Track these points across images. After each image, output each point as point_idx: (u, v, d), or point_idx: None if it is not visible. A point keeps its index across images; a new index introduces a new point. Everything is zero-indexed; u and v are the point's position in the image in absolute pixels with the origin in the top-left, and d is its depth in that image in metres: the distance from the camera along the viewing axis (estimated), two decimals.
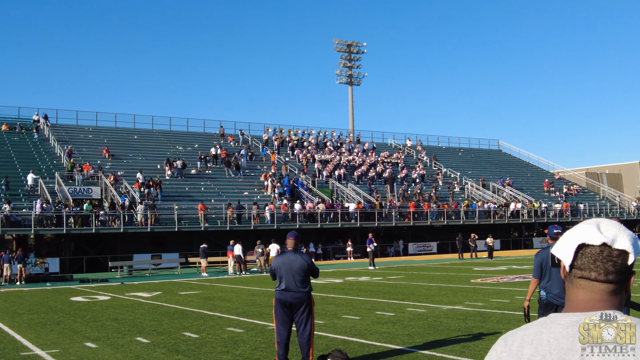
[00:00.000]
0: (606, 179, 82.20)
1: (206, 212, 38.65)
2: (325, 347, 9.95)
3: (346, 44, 70.13)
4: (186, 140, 55.69)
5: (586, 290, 1.52)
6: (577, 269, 1.54)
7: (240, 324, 13.21)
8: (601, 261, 1.50)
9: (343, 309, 15.28)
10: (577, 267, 1.54)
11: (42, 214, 34.42)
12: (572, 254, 1.54)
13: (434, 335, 10.96)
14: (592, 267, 1.51)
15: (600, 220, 1.57)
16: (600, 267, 1.50)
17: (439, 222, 47.69)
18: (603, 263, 1.50)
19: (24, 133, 48.89)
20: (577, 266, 1.54)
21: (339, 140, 61.53)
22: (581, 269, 1.53)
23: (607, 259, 1.50)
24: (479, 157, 71.55)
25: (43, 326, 13.73)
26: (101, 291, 22.97)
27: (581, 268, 1.53)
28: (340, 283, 23.51)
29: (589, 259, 1.52)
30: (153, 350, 10.25)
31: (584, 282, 1.52)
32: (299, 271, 8.35)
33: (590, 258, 1.51)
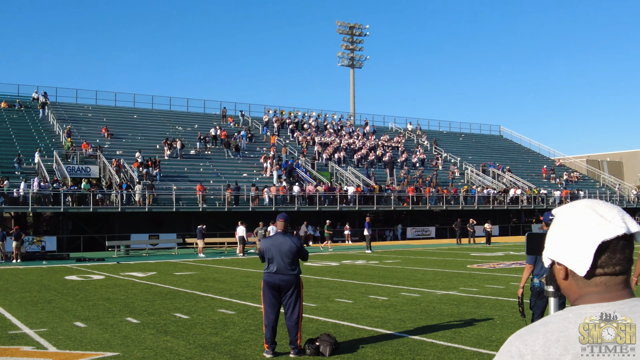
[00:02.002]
0: (607, 166, 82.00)
1: (204, 193, 38.56)
2: (315, 330, 9.86)
3: (349, 26, 69.64)
4: (186, 121, 55.51)
5: (608, 284, 1.44)
6: (597, 268, 1.42)
7: (232, 305, 13.14)
8: (620, 252, 1.42)
9: (337, 292, 15.20)
10: (597, 267, 1.42)
11: (40, 192, 34.34)
12: (591, 257, 1.41)
13: (426, 320, 10.87)
14: (615, 262, 1.42)
15: (594, 206, 1.44)
16: (621, 259, 1.42)
17: (438, 206, 47.60)
18: (622, 253, 1.42)
19: (23, 111, 48.70)
20: (597, 266, 1.42)
21: (340, 123, 61.28)
22: (602, 266, 1.42)
23: (626, 247, 1.43)
24: (480, 142, 71.32)
25: (34, 305, 13.66)
26: (96, 270, 22.92)
27: (602, 266, 1.42)
28: (336, 266, 23.45)
29: (610, 254, 1.42)
30: (142, 331, 10.17)
31: (606, 278, 1.43)
32: (288, 253, 8.24)
33: (611, 253, 1.42)
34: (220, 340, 9.28)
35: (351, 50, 70.09)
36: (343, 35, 69.76)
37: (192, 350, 8.60)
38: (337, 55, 70.12)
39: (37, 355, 8.48)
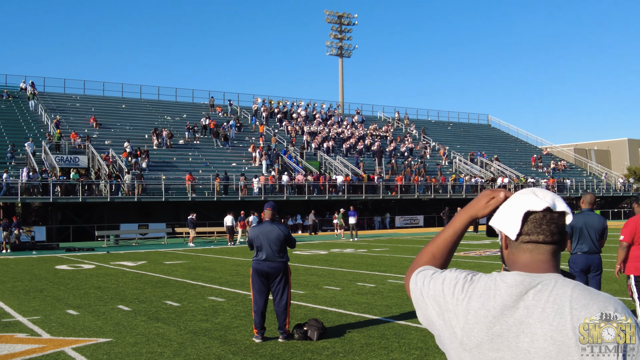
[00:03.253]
0: (594, 155, 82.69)
1: (194, 183, 38.65)
2: (303, 316, 10.10)
3: (337, 15, 69.63)
4: (175, 110, 55.44)
5: (533, 252, 1.62)
6: (524, 234, 1.62)
7: (222, 293, 13.35)
8: (546, 224, 1.61)
9: (325, 279, 15.44)
10: (524, 234, 1.62)
11: (29, 182, 34.33)
12: (519, 222, 1.62)
13: (412, 306, 11.05)
14: (539, 231, 1.61)
15: (534, 189, 1.66)
16: (546, 229, 1.61)
17: (426, 195, 47.92)
18: (548, 226, 1.61)
19: (11, 101, 48.50)
20: (524, 232, 1.62)
21: (329, 113, 61.40)
22: (528, 234, 1.62)
23: (551, 221, 1.61)
24: (468, 131, 71.65)
25: (26, 293, 13.81)
26: (86, 260, 23.05)
27: (528, 233, 1.62)
28: (325, 254, 23.69)
29: (535, 224, 1.61)
30: (134, 318, 10.36)
31: (531, 245, 1.62)
32: (276, 241, 8.46)
33: (536, 223, 1.61)
34: (211, 326, 9.50)
35: (340, 40, 70.14)
36: (332, 24, 69.79)
37: (184, 336, 8.81)
38: (326, 44, 70.21)
39: (32, 342, 8.66)
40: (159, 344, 8.33)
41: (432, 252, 1.85)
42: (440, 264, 1.83)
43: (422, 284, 1.73)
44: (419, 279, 1.76)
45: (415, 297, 1.76)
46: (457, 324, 1.60)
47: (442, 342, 1.67)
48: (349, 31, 70.51)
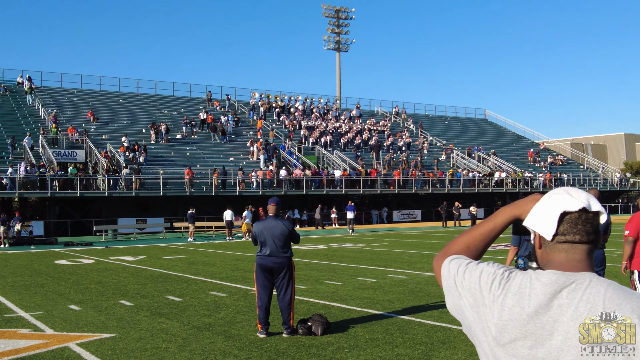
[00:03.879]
0: (591, 149, 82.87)
1: (191, 177, 38.61)
2: (306, 311, 10.11)
3: (334, 9, 69.51)
4: (172, 105, 55.34)
5: (568, 252, 1.62)
6: (560, 235, 1.63)
7: (224, 288, 13.35)
8: (582, 224, 1.61)
9: (325, 274, 15.45)
10: (560, 234, 1.63)
11: (27, 177, 34.25)
12: (555, 223, 1.62)
13: (414, 301, 11.15)
14: (575, 231, 1.61)
15: (568, 189, 1.67)
16: (581, 229, 1.61)
17: (424, 190, 47.96)
18: (583, 226, 1.61)
19: (8, 95, 48.33)
20: (559, 233, 1.63)
21: (326, 107, 61.35)
22: (564, 234, 1.62)
23: (586, 221, 1.62)
24: (466, 126, 71.69)
25: (27, 289, 13.80)
26: (85, 255, 23.03)
27: (564, 234, 1.62)
28: (324, 249, 23.71)
29: (571, 224, 1.62)
30: (136, 313, 10.36)
31: (567, 245, 1.62)
32: (280, 237, 8.47)
33: (572, 223, 1.61)
34: (214, 322, 9.51)
35: (337, 34, 70.04)
36: (329, 18, 69.65)
37: (187, 331, 8.82)
38: (323, 38, 70.10)
39: (36, 337, 8.65)
40: (163, 339, 8.33)
41: (467, 243, 1.85)
42: (473, 257, 1.83)
43: (457, 272, 1.73)
44: (452, 266, 1.76)
45: (448, 284, 1.76)
46: (492, 320, 1.61)
47: (474, 333, 1.68)
48: (346, 25, 70.41)
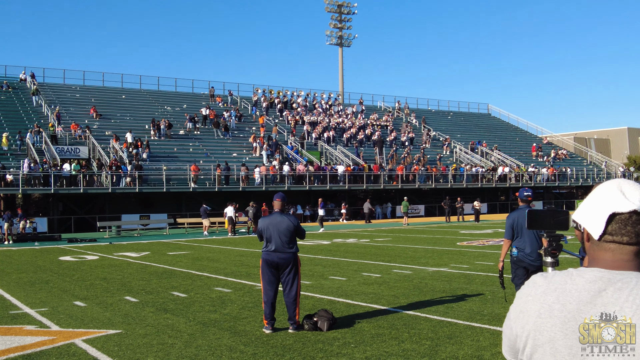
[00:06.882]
0: (594, 144, 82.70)
1: (197, 173, 38.60)
2: (312, 307, 10.10)
3: (337, 4, 69.27)
4: (174, 101, 55.30)
5: (615, 252, 1.58)
6: (608, 234, 1.59)
7: (228, 283, 13.36)
8: (631, 225, 1.56)
9: (330, 270, 15.45)
10: (607, 234, 1.59)
11: (30, 173, 34.27)
12: (604, 223, 1.58)
13: (419, 296, 11.13)
14: (624, 232, 1.57)
15: (621, 184, 1.62)
16: (630, 231, 1.56)
17: (427, 185, 47.91)
18: (633, 227, 1.56)
19: (11, 92, 48.35)
20: (607, 232, 1.59)
21: (329, 102, 61.27)
22: (612, 234, 1.58)
23: (636, 223, 1.57)
24: (469, 120, 71.55)
25: (32, 285, 13.81)
26: (89, 251, 23.05)
27: (612, 234, 1.58)
28: (328, 245, 23.71)
29: (620, 225, 1.57)
30: (142, 309, 10.36)
31: (614, 245, 1.58)
32: (286, 232, 8.45)
33: (621, 224, 1.57)
34: (220, 317, 9.50)
35: (340, 29, 69.82)
36: (331, 13, 69.41)
37: (193, 327, 8.81)
38: (326, 34, 69.87)
39: (41, 334, 8.66)
40: (169, 335, 8.33)
41: None
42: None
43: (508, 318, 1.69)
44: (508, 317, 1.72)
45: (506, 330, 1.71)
46: (529, 321, 1.57)
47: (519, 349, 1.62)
48: (348, 20, 70.19)
